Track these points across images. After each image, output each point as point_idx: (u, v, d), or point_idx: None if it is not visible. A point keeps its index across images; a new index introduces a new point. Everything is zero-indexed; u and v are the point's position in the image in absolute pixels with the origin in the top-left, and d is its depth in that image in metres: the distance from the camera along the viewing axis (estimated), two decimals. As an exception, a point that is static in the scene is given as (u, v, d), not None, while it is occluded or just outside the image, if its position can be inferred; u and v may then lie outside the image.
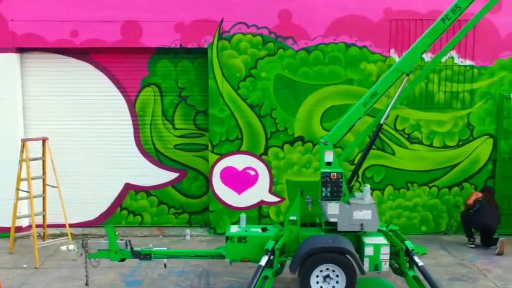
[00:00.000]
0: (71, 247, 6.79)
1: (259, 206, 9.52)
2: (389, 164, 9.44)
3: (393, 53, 9.13)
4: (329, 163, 6.54)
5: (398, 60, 7.83)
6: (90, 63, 9.49)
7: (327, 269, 6.26)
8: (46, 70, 9.51)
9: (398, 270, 6.65)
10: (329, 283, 6.28)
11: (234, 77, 9.23)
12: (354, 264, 6.22)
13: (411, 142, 9.40)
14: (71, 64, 9.47)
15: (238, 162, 9.43)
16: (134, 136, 9.67)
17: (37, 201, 8.78)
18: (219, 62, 9.19)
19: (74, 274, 7.61)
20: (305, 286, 6.25)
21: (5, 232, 8.90)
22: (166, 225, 9.86)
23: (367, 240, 6.46)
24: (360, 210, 6.52)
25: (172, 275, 7.59)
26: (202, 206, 9.82)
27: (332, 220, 6.54)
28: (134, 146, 9.68)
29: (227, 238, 6.67)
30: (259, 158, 9.41)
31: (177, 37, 9.15)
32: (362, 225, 6.53)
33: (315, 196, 6.67)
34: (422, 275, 6.38)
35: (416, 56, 6.49)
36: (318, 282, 6.28)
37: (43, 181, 8.74)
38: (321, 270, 6.26)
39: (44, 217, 8.90)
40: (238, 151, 9.39)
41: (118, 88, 9.55)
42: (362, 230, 6.54)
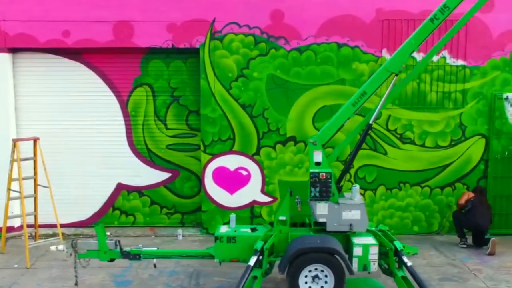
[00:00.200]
0: (61, 247, 6.77)
1: (252, 206, 9.52)
2: (381, 164, 9.44)
3: (385, 53, 9.12)
4: (318, 163, 6.53)
5: (389, 60, 7.83)
6: (82, 63, 9.49)
7: (316, 269, 6.26)
8: (38, 70, 9.51)
9: (387, 270, 6.64)
10: (317, 283, 6.27)
11: (226, 77, 9.23)
12: (343, 264, 6.22)
13: (403, 142, 9.40)
14: (63, 64, 9.48)
15: (230, 162, 9.43)
16: (127, 136, 9.67)
17: (29, 201, 8.80)
18: (211, 62, 9.18)
19: (65, 274, 7.60)
20: (293, 286, 6.24)
21: (-3, 232, 8.91)
22: (158, 225, 9.87)
23: (356, 240, 6.46)
24: (349, 210, 6.53)
25: (162, 275, 7.58)
26: (195, 206, 9.82)
27: (321, 220, 6.55)
28: (126, 146, 9.68)
29: (216, 238, 6.67)
30: (251, 158, 9.41)
31: (169, 37, 9.15)
32: (351, 225, 6.53)
33: (305, 196, 6.67)
34: (410, 275, 6.37)
35: (405, 56, 6.49)
36: (306, 282, 6.28)
37: (35, 181, 8.73)
38: (309, 270, 6.26)
39: (35, 217, 8.89)
40: (230, 151, 9.39)
41: (110, 88, 9.55)
42: (351, 230, 6.55)
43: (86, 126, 9.56)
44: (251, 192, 9.48)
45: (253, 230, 6.87)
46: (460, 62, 9.23)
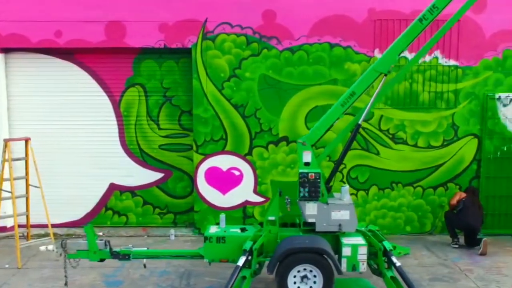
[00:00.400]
0: (50, 247, 6.77)
1: (244, 206, 9.52)
2: (373, 164, 9.44)
3: (377, 53, 9.11)
4: (307, 163, 6.53)
5: (379, 60, 7.83)
6: (75, 63, 9.49)
7: (305, 269, 6.25)
8: (31, 70, 9.51)
9: (377, 270, 6.64)
10: (306, 283, 6.27)
11: (218, 77, 9.23)
12: (332, 264, 6.22)
13: (396, 142, 9.39)
14: (56, 64, 9.47)
15: (223, 162, 9.43)
16: (119, 136, 9.67)
17: (21, 201, 8.81)
18: (203, 62, 9.18)
19: (56, 274, 7.58)
20: (282, 286, 6.24)
21: (-10, 232, 8.93)
22: (151, 225, 9.87)
23: (345, 240, 6.45)
24: (338, 211, 6.51)
25: (153, 275, 7.58)
26: (187, 206, 9.82)
27: (310, 220, 6.54)
28: (119, 146, 9.68)
29: (206, 238, 6.67)
30: (244, 158, 9.41)
31: (161, 37, 9.14)
32: (340, 225, 6.52)
33: (296, 196, 6.66)
34: (399, 276, 6.37)
35: (394, 56, 6.47)
36: (295, 283, 6.27)
37: (26, 181, 8.73)
38: (298, 271, 6.25)
39: (27, 217, 8.89)
40: (222, 151, 9.39)
41: (103, 88, 9.55)
42: (340, 231, 6.54)
43: (78, 126, 9.56)
44: (244, 192, 9.48)
45: (242, 230, 6.86)
46: (452, 62, 9.23)
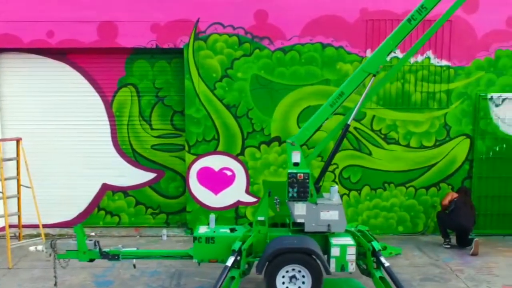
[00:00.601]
0: (40, 248, 6.75)
1: (236, 207, 9.52)
2: (366, 164, 9.44)
3: (369, 53, 9.10)
4: (296, 164, 6.53)
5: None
6: (67, 63, 9.48)
7: (293, 269, 6.25)
8: (23, 70, 9.50)
9: (365, 270, 6.64)
10: (295, 284, 6.27)
11: (210, 77, 9.23)
12: (320, 264, 6.22)
13: (388, 143, 9.39)
14: (48, 64, 9.47)
15: (215, 162, 9.43)
16: (111, 136, 9.66)
17: (13, 201, 8.82)
18: (195, 62, 9.18)
19: (47, 274, 7.58)
20: (271, 286, 6.24)
21: (-19, 232, 8.91)
22: (143, 225, 9.86)
23: (334, 240, 6.45)
24: (327, 211, 6.52)
25: (144, 275, 7.58)
26: (180, 207, 9.81)
27: (299, 220, 6.54)
28: (111, 146, 9.68)
29: (195, 238, 6.67)
30: (236, 158, 9.41)
31: (153, 37, 9.14)
32: (329, 225, 6.52)
33: (286, 196, 6.65)
34: (388, 276, 6.37)
35: (382, 57, 6.47)
36: (284, 283, 6.27)
37: (18, 181, 8.73)
38: (287, 271, 6.25)
39: (19, 217, 8.88)
40: (214, 152, 9.39)
41: (95, 88, 9.54)
42: (329, 231, 6.53)
43: (71, 126, 9.55)
44: (236, 192, 9.48)
45: (232, 230, 6.86)
46: (444, 63, 9.22)
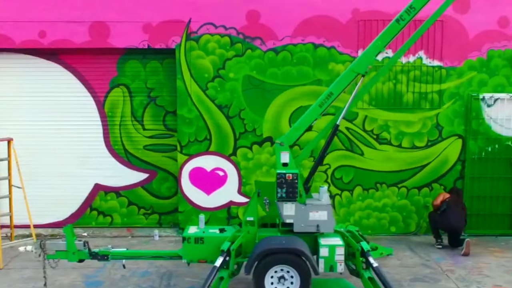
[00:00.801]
0: (29, 248, 6.74)
1: (228, 207, 9.52)
2: (358, 164, 9.44)
3: (361, 53, 9.09)
4: (285, 164, 6.52)
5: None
6: (59, 64, 9.49)
7: (282, 270, 6.24)
8: (15, 70, 9.51)
9: (354, 271, 6.64)
10: (283, 284, 6.26)
11: (202, 77, 9.23)
12: (308, 265, 6.21)
13: (380, 143, 9.40)
14: (40, 64, 9.47)
15: (207, 162, 9.43)
16: (104, 136, 9.67)
17: (5, 201, 8.82)
18: (187, 62, 9.18)
19: (38, 275, 7.52)
20: (259, 287, 6.24)
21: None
22: (136, 225, 9.86)
23: (323, 241, 6.43)
24: (316, 211, 6.50)
25: (135, 276, 7.57)
26: (172, 207, 9.81)
27: (288, 221, 6.53)
28: (103, 147, 9.68)
29: (184, 239, 6.66)
30: (228, 158, 9.41)
31: (145, 37, 9.14)
32: (318, 226, 6.51)
33: (275, 197, 6.65)
34: (377, 276, 6.37)
35: (371, 57, 6.47)
36: (272, 283, 6.26)
37: (9, 181, 8.73)
38: (275, 271, 6.24)
39: (10, 217, 8.87)
40: (206, 152, 9.40)
41: (87, 88, 9.55)
42: (318, 231, 6.53)
43: (63, 126, 9.57)
44: (228, 192, 9.49)
45: (221, 230, 6.86)
46: (436, 63, 9.23)
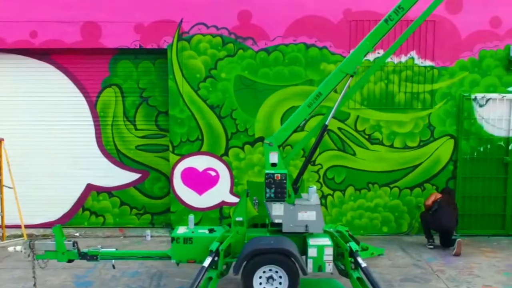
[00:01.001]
0: (18, 248, 6.73)
1: (220, 207, 9.53)
2: (350, 164, 9.44)
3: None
4: (274, 164, 6.51)
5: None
6: (51, 64, 9.50)
7: (270, 270, 6.23)
8: (7, 71, 9.52)
9: (343, 271, 6.63)
10: (272, 284, 6.24)
11: (194, 78, 9.23)
12: (297, 265, 6.21)
13: (372, 143, 9.40)
14: (32, 64, 9.49)
15: (199, 162, 9.43)
16: (96, 136, 9.67)
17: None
18: (179, 63, 9.18)
19: (28, 275, 7.48)
20: (248, 287, 6.23)
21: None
22: (128, 226, 9.86)
23: (311, 241, 6.42)
24: (304, 211, 6.49)
25: (125, 276, 7.56)
26: (165, 207, 9.82)
27: (276, 221, 6.52)
28: (95, 147, 9.69)
29: (173, 239, 6.64)
30: (220, 158, 9.41)
31: (136, 37, 9.15)
32: (306, 226, 6.50)
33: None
34: (365, 277, 6.36)
35: (359, 57, 6.45)
36: (261, 283, 6.25)
37: (0, 182, 8.73)
38: (264, 271, 6.23)
39: (2, 217, 8.89)
40: (198, 152, 9.40)
41: (79, 88, 9.56)
42: (306, 231, 6.53)
43: (55, 127, 9.58)
44: (220, 192, 9.50)
45: (210, 231, 6.84)
46: (428, 63, 9.23)
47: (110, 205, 9.81)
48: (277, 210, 6.50)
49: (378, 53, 8.82)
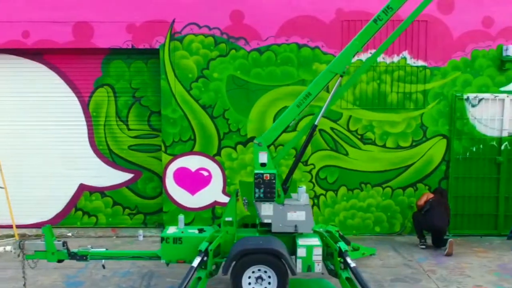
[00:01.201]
0: (8, 248, 6.74)
1: (213, 207, 9.52)
2: (342, 165, 9.44)
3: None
4: (263, 164, 6.51)
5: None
6: (43, 64, 9.48)
7: (259, 270, 6.22)
8: (-1, 71, 9.52)
9: (333, 271, 6.63)
10: (261, 284, 6.24)
11: (186, 78, 9.22)
12: (286, 265, 6.21)
13: (365, 143, 9.40)
14: (24, 65, 9.47)
15: (191, 162, 9.43)
16: (88, 136, 9.66)
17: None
18: (171, 63, 9.18)
19: (19, 275, 7.39)
20: (237, 287, 6.23)
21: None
22: (121, 225, 9.86)
23: (301, 241, 6.42)
24: (294, 211, 6.49)
25: (116, 276, 7.56)
26: (157, 207, 9.81)
27: (266, 221, 6.51)
28: (88, 147, 9.68)
29: (162, 239, 6.65)
30: (212, 158, 9.41)
31: (128, 37, 9.14)
32: (296, 226, 6.50)
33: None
34: (354, 277, 6.36)
35: (348, 57, 6.46)
36: (250, 283, 6.25)
37: (-8, 182, 8.75)
38: (253, 271, 6.23)
39: (-6, 218, 8.91)
40: (191, 152, 9.40)
41: (72, 88, 9.54)
42: (296, 231, 6.52)
43: (47, 127, 9.57)
44: (212, 192, 9.49)
45: (200, 231, 6.84)
46: (420, 63, 9.23)
47: (103, 205, 9.80)
48: (266, 210, 6.51)
49: (370, 53, 8.81)
